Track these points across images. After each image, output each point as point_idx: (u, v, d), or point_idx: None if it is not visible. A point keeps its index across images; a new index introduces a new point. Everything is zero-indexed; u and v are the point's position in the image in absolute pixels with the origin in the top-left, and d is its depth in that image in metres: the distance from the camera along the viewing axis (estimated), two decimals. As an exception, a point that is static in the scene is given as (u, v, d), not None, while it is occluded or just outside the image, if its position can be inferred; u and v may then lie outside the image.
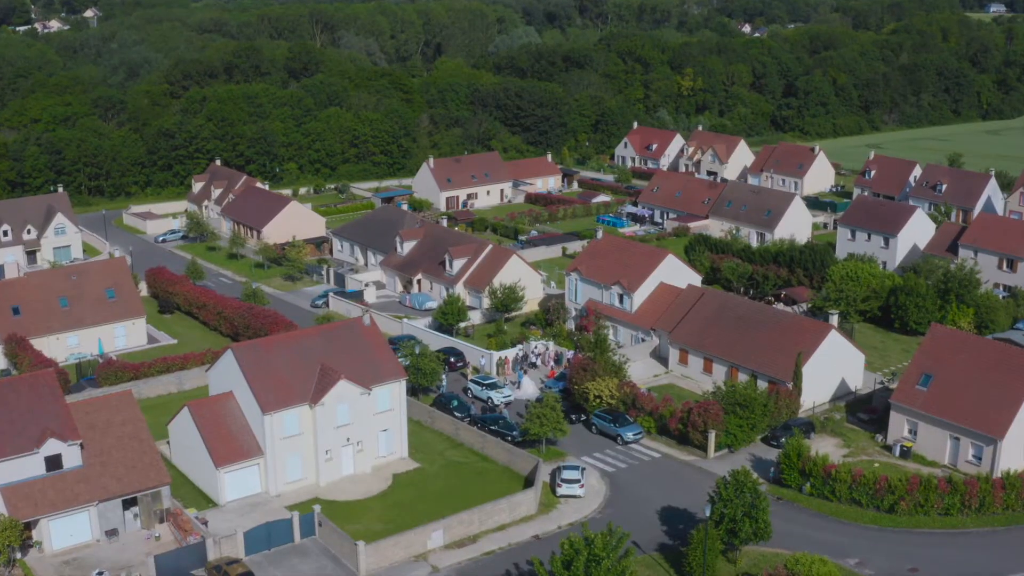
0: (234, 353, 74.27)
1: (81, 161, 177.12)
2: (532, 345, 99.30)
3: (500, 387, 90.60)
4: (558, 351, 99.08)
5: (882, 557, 66.01)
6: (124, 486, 68.32)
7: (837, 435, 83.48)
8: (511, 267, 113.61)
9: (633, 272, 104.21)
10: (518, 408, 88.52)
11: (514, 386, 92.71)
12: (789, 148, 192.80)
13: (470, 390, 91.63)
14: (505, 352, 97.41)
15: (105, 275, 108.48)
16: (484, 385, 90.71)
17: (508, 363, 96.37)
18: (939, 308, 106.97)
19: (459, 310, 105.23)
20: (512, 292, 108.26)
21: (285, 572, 64.38)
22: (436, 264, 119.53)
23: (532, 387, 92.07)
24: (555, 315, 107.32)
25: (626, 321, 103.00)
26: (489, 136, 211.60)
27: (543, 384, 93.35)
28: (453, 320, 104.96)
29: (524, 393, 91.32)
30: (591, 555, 53.55)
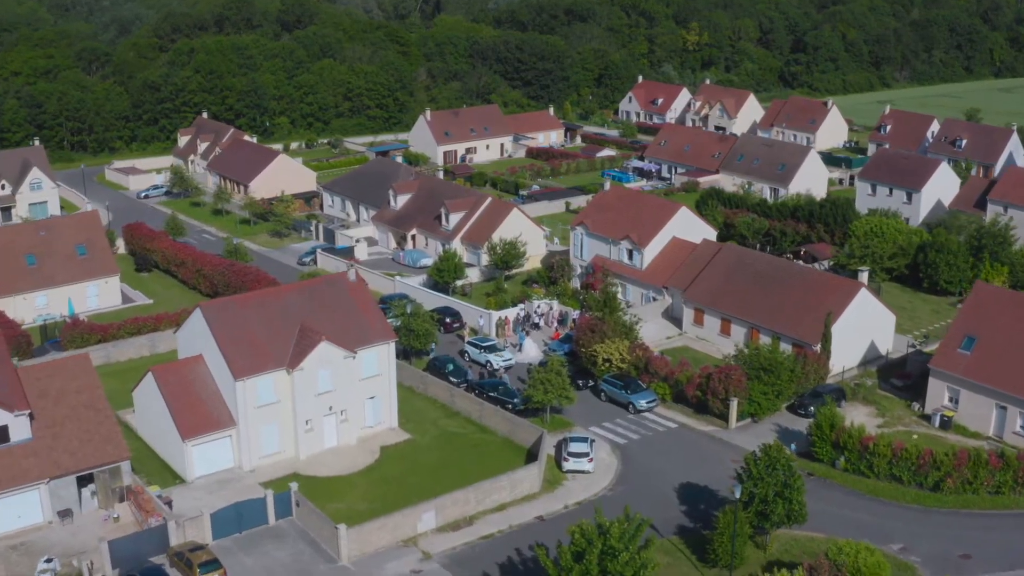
0: (203, 312, 65.83)
1: (63, 115, 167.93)
2: (535, 304, 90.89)
3: (500, 350, 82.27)
4: (562, 311, 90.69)
5: (928, 542, 58.01)
6: (79, 461, 60.21)
7: (870, 403, 75.25)
8: (512, 221, 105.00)
9: (643, 226, 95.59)
10: (519, 373, 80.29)
11: (515, 349, 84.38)
12: (801, 103, 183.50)
13: (467, 353, 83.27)
14: (505, 312, 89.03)
15: (76, 230, 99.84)
16: (482, 348, 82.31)
17: (508, 324, 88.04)
18: (971, 267, 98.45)
19: (456, 267, 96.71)
20: (513, 248, 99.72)
21: (257, 559, 56.36)
22: (431, 219, 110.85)
23: (535, 350, 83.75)
24: (559, 272, 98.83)
25: (636, 279, 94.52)
26: (489, 90, 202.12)
27: (547, 346, 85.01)
28: (449, 278, 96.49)
29: (526, 356, 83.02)
30: (606, 547, 45.40)
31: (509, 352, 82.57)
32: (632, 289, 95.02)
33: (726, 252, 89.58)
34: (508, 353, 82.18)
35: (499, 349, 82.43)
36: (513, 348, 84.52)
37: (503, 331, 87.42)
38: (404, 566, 55.93)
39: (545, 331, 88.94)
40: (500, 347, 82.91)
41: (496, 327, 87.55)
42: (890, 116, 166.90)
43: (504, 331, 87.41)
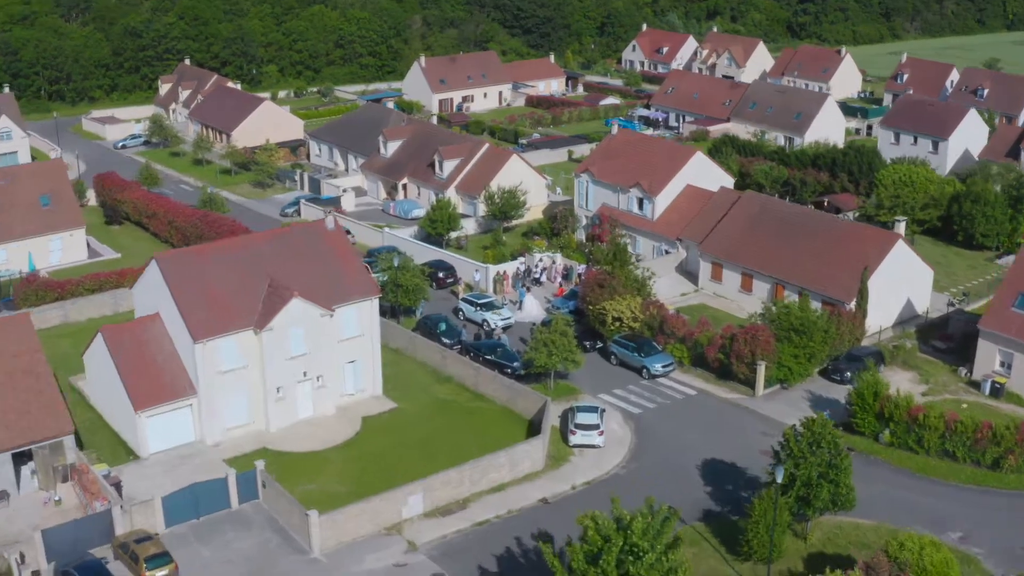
0: (158, 264, 57.05)
1: (40, 63, 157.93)
2: (536, 258, 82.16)
3: (498, 307, 73.58)
4: (567, 265, 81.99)
5: (990, 530, 49.72)
6: (14, 436, 51.78)
7: (911, 368, 66.76)
8: (511, 169, 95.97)
9: (655, 173, 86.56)
10: (520, 333, 71.64)
11: (515, 306, 75.67)
12: (812, 51, 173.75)
13: (462, 311, 74.62)
14: (504, 266, 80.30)
15: (39, 180, 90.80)
16: (478, 305, 73.62)
17: (508, 279, 79.33)
18: (1009, 218, 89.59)
19: (450, 217, 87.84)
20: (512, 197, 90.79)
21: (216, 550, 48.04)
22: (424, 167, 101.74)
23: (536, 308, 75.12)
24: (562, 224, 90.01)
25: (647, 230, 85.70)
26: (486, 38, 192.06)
27: (550, 304, 76.32)
28: (443, 229, 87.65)
29: (527, 315, 74.35)
30: (628, 545, 36.98)
31: (508, 310, 73.93)
32: (642, 241, 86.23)
33: (747, 201, 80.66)
34: (507, 311, 73.52)
35: (497, 307, 73.73)
36: (512, 305, 75.87)
37: (501, 287, 78.74)
38: (386, 558, 47.66)
39: (548, 287, 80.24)
40: (498, 304, 74.21)
41: (494, 283, 78.87)
42: (907, 65, 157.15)
43: (503, 287, 78.72)
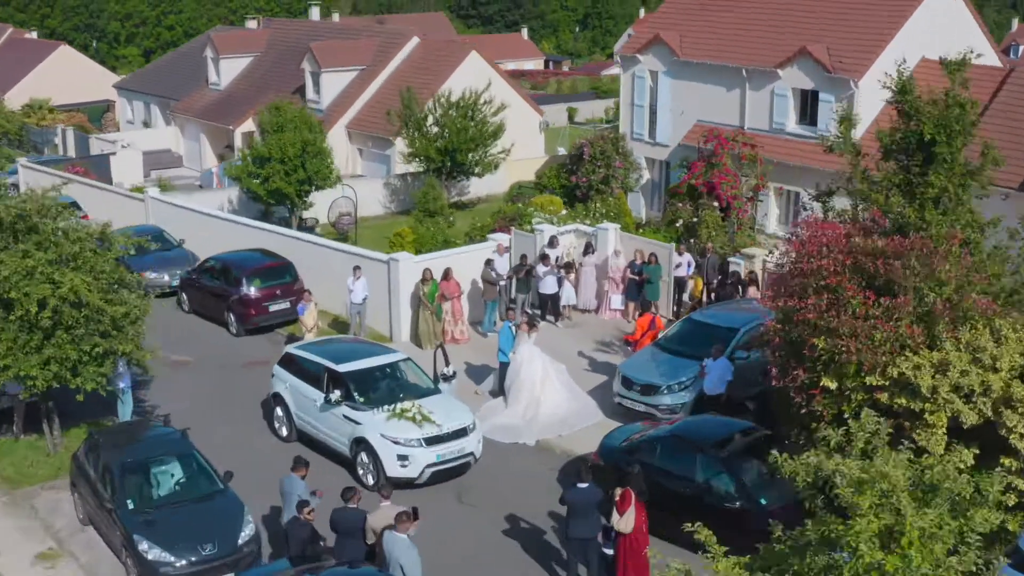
0: None
1: None
2: (546, 237, 27.56)
3: (418, 390, 19.56)
4: (647, 257, 27.17)
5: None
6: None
7: None
8: (468, 72, 41.97)
9: (837, 30, 32.80)
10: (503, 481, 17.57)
11: (484, 394, 21.88)
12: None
13: (281, 403, 20.05)
14: (440, 262, 25.86)
15: None
16: (340, 385, 19.30)
17: (457, 298, 25.09)
18: None
19: (322, 171, 33.71)
20: (474, 114, 36.91)
21: None
22: (289, 94, 47.39)
23: (566, 399, 21.12)
24: (601, 168, 35.66)
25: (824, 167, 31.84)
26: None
27: (625, 389, 21.98)
28: (283, 185, 33.31)
29: (522, 418, 20.39)
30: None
31: (448, 401, 19.73)
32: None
33: None
34: (444, 406, 19.27)
35: (414, 388, 19.45)
36: (480, 396, 21.82)
37: (432, 323, 24.48)
38: None
39: (584, 326, 26.00)
40: (421, 385, 19.71)
41: (420, 312, 24.56)
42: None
43: (434, 322, 24.50)
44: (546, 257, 26.05)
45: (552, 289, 26.02)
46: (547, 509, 17.67)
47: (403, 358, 20.08)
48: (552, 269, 25.96)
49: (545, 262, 25.93)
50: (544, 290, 25.98)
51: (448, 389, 19.84)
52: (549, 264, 25.90)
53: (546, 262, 25.93)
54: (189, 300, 28.75)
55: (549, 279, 25.95)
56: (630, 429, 17.84)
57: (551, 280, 25.97)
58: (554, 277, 25.99)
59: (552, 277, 25.95)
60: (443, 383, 19.96)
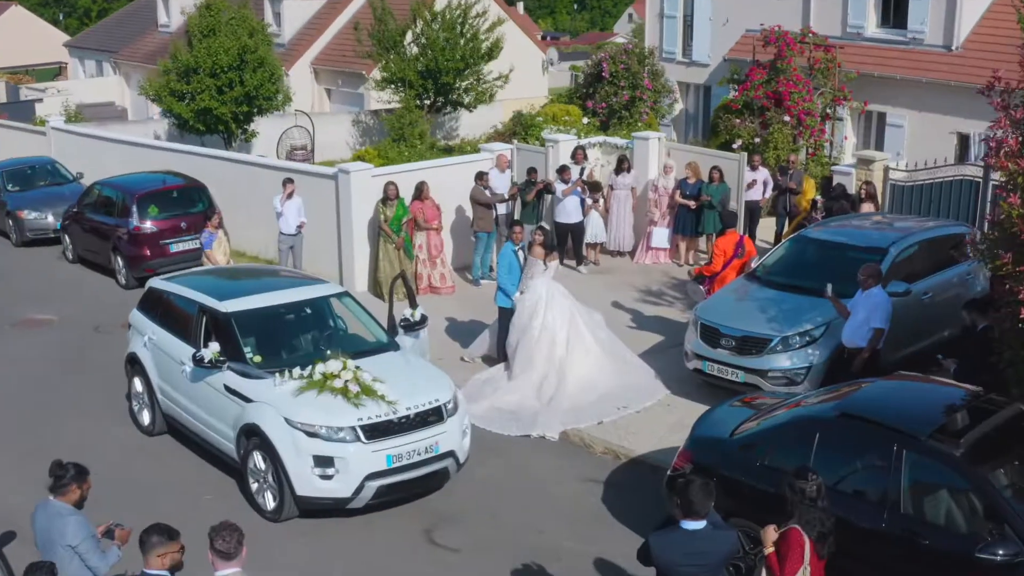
0: None
1: None
2: (575, 159, 19.64)
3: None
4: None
5: None
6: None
7: None
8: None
9: None
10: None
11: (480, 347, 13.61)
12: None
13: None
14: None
15: None
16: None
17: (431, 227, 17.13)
18: None
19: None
20: (463, 26, 28.70)
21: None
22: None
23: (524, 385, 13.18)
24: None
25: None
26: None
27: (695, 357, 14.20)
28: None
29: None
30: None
31: (411, 366, 11.70)
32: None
33: None
34: (411, 372, 11.34)
35: (351, 345, 11.45)
36: (470, 364, 13.61)
37: (404, 269, 16.43)
38: None
39: (618, 273, 18.03)
40: (375, 337, 11.69)
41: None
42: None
43: (414, 270, 16.43)
44: (566, 170, 17.94)
45: (574, 217, 17.90)
46: (588, 553, 9.62)
47: (335, 292, 11.88)
48: (576, 186, 17.86)
49: (565, 176, 17.81)
50: (563, 218, 17.85)
51: (413, 344, 11.69)
52: (571, 180, 17.79)
53: (566, 176, 17.81)
54: (72, 243, 20.65)
55: (570, 202, 17.81)
56: (737, 412, 9.68)
57: (573, 204, 17.84)
58: (577, 199, 17.86)
59: (574, 198, 17.82)
60: (404, 334, 11.79)
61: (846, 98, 24.02)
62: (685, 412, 12.17)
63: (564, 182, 17.80)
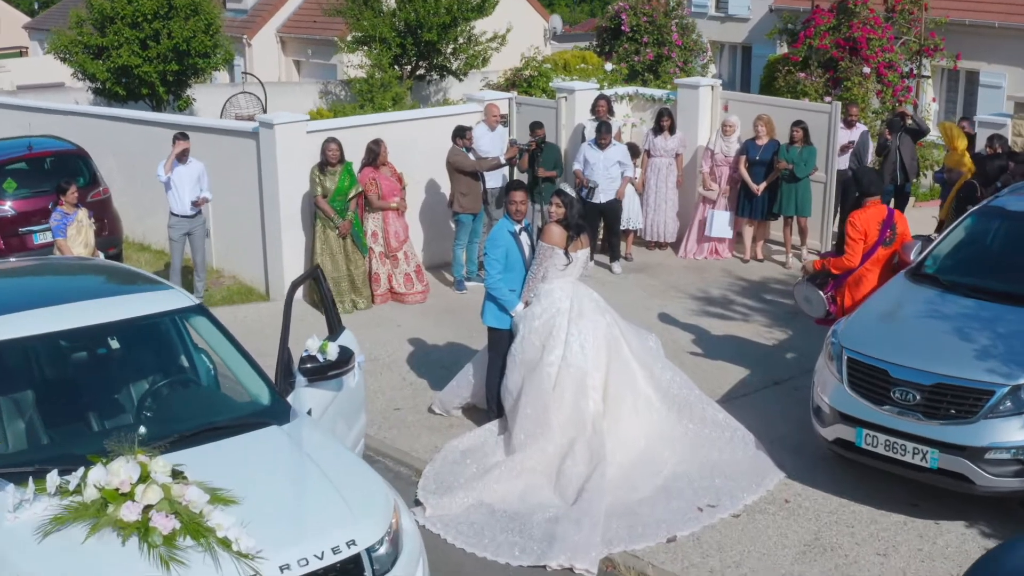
0: None
1: None
2: (596, 112, 14.08)
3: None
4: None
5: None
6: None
7: None
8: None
9: None
10: None
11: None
12: None
13: None
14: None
15: None
16: None
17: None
18: None
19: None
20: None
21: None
22: None
23: None
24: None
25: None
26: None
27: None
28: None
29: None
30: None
31: (307, 463, 6.90)
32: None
33: None
34: (306, 481, 6.22)
35: (195, 415, 5.82)
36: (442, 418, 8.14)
37: (354, 265, 10.97)
38: None
39: (662, 273, 12.60)
40: (250, 394, 6.14)
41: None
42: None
43: (365, 268, 11.02)
44: (606, 130, 12.35)
45: (609, 192, 12.28)
46: None
47: (174, 308, 6.02)
48: (614, 142, 12.33)
49: (604, 137, 12.22)
50: (593, 195, 12.19)
51: (328, 407, 6.06)
52: (607, 139, 12.22)
53: (604, 139, 12.22)
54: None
55: (608, 170, 12.21)
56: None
57: (610, 172, 12.22)
58: (616, 165, 12.26)
59: (612, 165, 12.22)
60: (305, 385, 6.09)
61: (937, 47, 18.43)
62: (822, 518, 6.66)
63: (600, 147, 12.21)
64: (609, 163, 12.23)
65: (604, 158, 12.18)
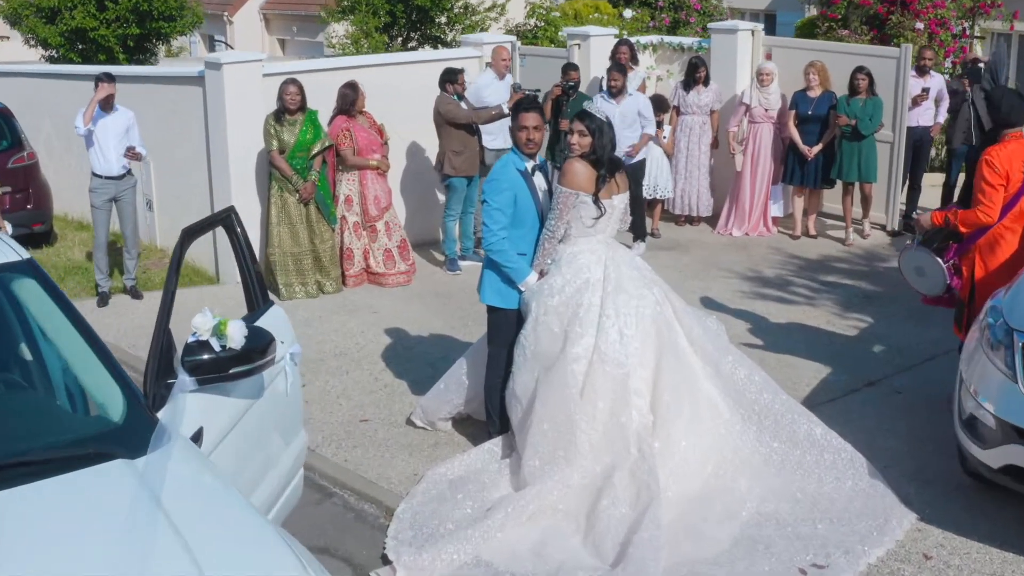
0: None
1: None
2: (618, 58, 11.80)
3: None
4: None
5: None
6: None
7: None
8: None
9: None
10: None
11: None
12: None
13: None
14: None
15: None
16: None
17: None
18: None
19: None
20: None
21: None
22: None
23: None
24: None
25: None
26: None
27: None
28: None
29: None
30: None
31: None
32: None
33: None
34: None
35: None
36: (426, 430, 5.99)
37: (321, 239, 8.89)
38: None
39: (699, 249, 10.38)
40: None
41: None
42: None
43: (332, 242, 8.94)
44: (618, 70, 10.10)
45: (636, 154, 10.01)
46: None
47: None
48: (633, 92, 10.08)
49: (614, 79, 9.94)
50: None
51: (233, 420, 3.83)
52: (618, 80, 9.96)
53: (615, 80, 9.93)
54: None
55: (613, 122, 9.89)
56: None
57: (621, 123, 9.88)
58: (638, 122, 9.99)
59: (628, 120, 9.92)
60: (187, 384, 3.67)
61: (995, 3, 16.15)
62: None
63: (613, 95, 9.91)
64: (627, 118, 9.92)
65: (620, 112, 9.84)
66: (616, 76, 9.90)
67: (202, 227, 4.30)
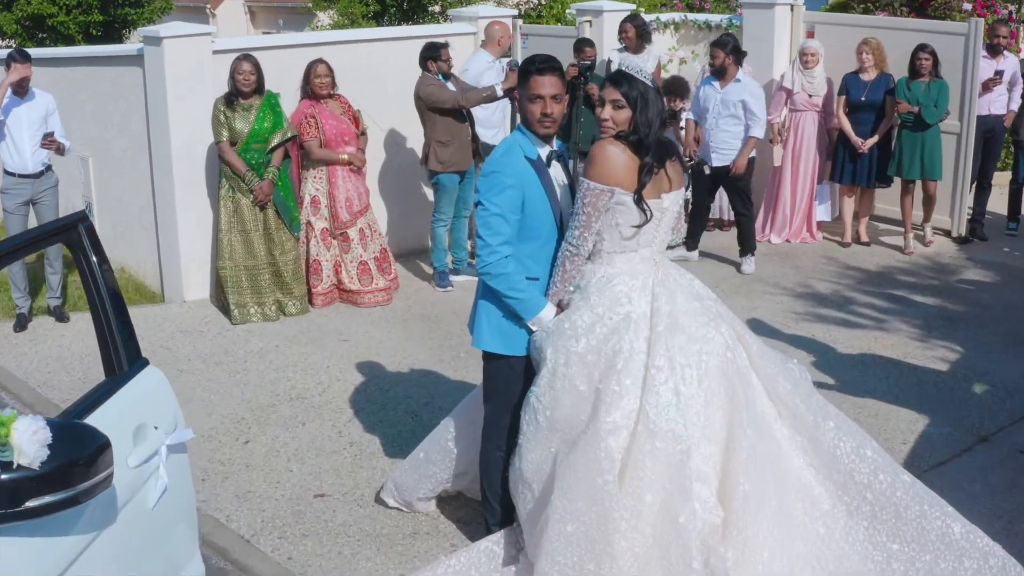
0: None
1: None
2: (635, 33, 10.16)
3: None
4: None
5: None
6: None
7: None
8: None
9: None
10: None
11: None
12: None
13: None
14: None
15: None
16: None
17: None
18: None
19: None
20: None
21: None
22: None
23: None
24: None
25: None
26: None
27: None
28: None
29: None
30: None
31: None
32: None
33: None
34: None
35: None
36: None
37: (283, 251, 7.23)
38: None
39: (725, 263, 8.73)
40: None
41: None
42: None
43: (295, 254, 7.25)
44: (643, 39, 8.57)
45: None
46: None
47: None
48: (747, 80, 8.48)
49: (716, 60, 8.27)
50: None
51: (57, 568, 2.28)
52: (642, 53, 8.41)
53: (717, 61, 8.28)
54: None
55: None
56: None
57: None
58: (757, 113, 8.36)
59: (742, 111, 8.29)
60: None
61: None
62: None
63: (716, 76, 8.32)
64: (728, 107, 8.27)
65: (721, 100, 8.26)
66: (717, 53, 8.31)
67: (27, 244, 2.68)
